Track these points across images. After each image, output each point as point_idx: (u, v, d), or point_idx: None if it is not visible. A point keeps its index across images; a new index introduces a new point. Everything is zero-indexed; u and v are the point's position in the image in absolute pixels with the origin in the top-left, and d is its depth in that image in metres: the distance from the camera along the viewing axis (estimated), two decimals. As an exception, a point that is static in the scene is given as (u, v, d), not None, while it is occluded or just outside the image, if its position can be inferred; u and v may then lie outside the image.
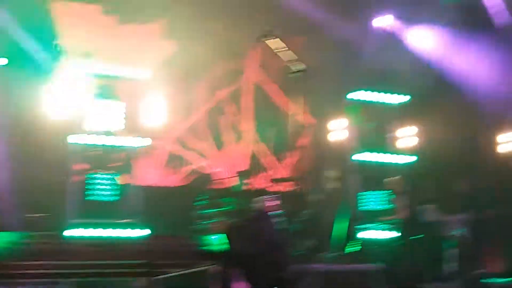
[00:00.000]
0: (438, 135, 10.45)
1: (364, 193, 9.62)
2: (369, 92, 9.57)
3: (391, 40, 10.79)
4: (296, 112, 5.90)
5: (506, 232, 9.83)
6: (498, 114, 10.63)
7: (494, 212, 9.67)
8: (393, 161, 9.58)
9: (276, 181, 9.96)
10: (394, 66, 10.22)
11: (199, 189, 9.13)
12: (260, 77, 11.45)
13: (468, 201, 9.49)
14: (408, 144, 10.02)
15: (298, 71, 5.04)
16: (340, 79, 10.67)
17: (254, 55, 11.29)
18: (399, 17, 11.23)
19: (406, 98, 9.78)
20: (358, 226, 9.04)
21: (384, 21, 11.32)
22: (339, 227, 9.41)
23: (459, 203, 9.34)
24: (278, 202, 8.47)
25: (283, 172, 10.94)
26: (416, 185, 9.34)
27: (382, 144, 9.78)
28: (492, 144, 10.71)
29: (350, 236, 9.20)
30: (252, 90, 11.43)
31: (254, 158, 11.04)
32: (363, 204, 9.51)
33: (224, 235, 6.27)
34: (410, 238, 8.76)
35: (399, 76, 10.13)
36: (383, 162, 9.53)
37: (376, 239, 8.93)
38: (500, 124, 10.56)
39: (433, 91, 10.15)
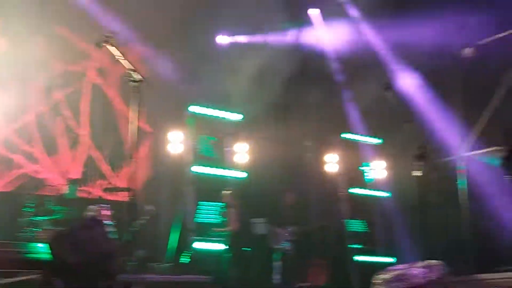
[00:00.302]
0: (269, 153, 10.92)
1: (200, 205, 9.77)
2: (208, 108, 9.83)
3: (232, 58, 11.08)
4: (135, 121, 5.84)
5: (328, 245, 10.47)
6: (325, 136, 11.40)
7: (318, 225, 10.28)
8: (228, 175, 9.85)
9: (109, 190, 9.76)
10: (231, 85, 10.50)
11: (28, 194, 8.70)
12: (100, 82, 11.20)
13: (295, 214, 10.02)
14: (242, 160, 10.36)
15: (137, 81, 5.02)
16: (180, 92, 10.79)
17: (96, 59, 11.05)
18: (240, 34, 11.67)
19: (240, 116, 10.16)
20: (192, 237, 9.14)
21: (226, 39, 11.70)
22: (173, 238, 9.45)
23: (287, 217, 9.83)
24: (110, 211, 8.33)
25: (118, 182, 10.74)
26: (248, 199, 9.67)
27: (218, 158, 10.03)
28: (319, 163, 11.41)
29: (183, 247, 9.28)
30: (90, 94, 11.12)
31: (89, 165, 10.70)
32: (197, 216, 9.65)
33: (49, 243, 6.02)
34: (241, 250, 9.02)
35: (235, 95, 10.43)
36: (219, 176, 9.76)
37: (208, 250, 9.09)
38: (326, 145, 11.26)
39: (266, 112, 10.58)
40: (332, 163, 11.03)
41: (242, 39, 11.74)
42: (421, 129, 10.48)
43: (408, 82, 11.18)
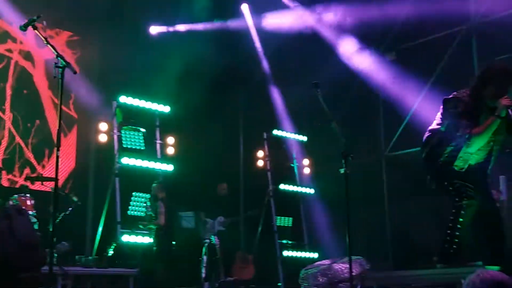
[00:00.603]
0: (198, 146, 10.92)
1: (127, 197, 9.66)
2: (136, 99, 9.73)
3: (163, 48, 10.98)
4: (61, 108, 5.64)
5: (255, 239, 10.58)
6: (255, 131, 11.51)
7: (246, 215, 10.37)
8: (156, 168, 9.78)
9: (33, 179, 9.50)
10: (160, 77, 10.40)
11: None
12: (26, 65, 10.86)
13: (225, 207, 10.06)
14: (170, 152, 10.30)
15: (62, 66, 4.84)
16: (109, 81, 10.62)
17: (23, 42, 10.73)
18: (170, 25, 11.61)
19: (168, 108, 10.11)
20: (119, 230, 9.04)
21: (158, 29, 11.60)
22: (99, 230, 9.31)
23: (216, 209, 9.86)
24: (32, 201, 8.11)
25: (43, 170, 10.47)
26: (176, 192, 9.65)
27: (146, 150, 9.94)
28: (250, 158, 11.52)
29: (110, 239, 9.16)
30: (16, 76, 10.74)
31: (11, 152, 10.35)
32: (124, 208, 9.54)
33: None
34: (168, 243, 9.00)
35: (164, 87, 10.34)
36: (147, 168, 9.67)
37: (135, 243, 9.00)
38: (256, 141, 11.36)
39: (195, 104, 10.55)
40: (261, 159, 11.14)
41: (174, 29, 11.66)
42: (347, 127, 10.75)
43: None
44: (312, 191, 11.40)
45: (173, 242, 9.14)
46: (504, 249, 5.28)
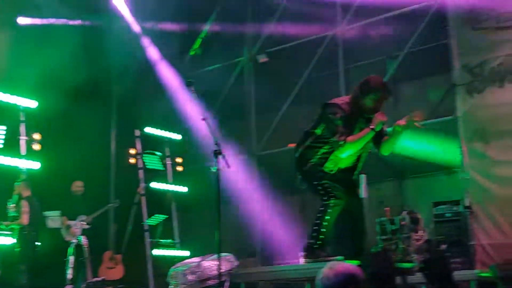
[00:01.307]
0: (66, 143, 10.56)
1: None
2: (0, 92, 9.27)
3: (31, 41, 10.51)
4: None
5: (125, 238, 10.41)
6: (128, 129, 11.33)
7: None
8: (20, 165, 9.35)
9: None
10: (27, 70, 9.96)
11: None
12: None
13: (88, 206, 9.77)
14: (36, 150, 9.88)
15: None
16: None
17: None
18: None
19: (35, 103, 9.70)
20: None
21: (27, 20, 11.08)
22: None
23: (79, 208, 9.58)
24: None
25: None
26: (42, 191, 9.28)
27: (10, 147, 9.48)
28: (121, 156, 11.32)
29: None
30: None
31: None
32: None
33: None
34: (32, 244, 8.65)
35: (31, 81, 9.92)
36: (10, 166, 9.23)
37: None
38: (129, 139, 11.19)
39: (64, 100, 10.21)
40: (134, 156, 10.98)
41: (45, 21, 11.18)
42: (220, 126, 10.89)
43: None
44: (184, 189, 11.41)
45: (38, 243, 8.79)
46: (363, 244, 5.60)
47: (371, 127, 5.24)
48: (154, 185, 10.86)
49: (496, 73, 8.88)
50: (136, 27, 11.99)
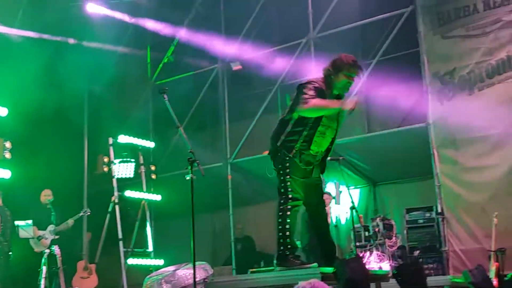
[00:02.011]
0: (37, 152, 10.45)
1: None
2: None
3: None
4: None
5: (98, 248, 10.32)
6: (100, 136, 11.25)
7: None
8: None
9: None
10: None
11: None
12: None
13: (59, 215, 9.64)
14: (7, 158, 9.73)
15: None
16: None
17: None
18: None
19: (5, 111, 9.59)
20: None
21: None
22: None
23: (47, 218, 9.47)
24: None
25: None
26: (14, 200, 9.16)
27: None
28: (94, 164, 11.24)
29: None
30: None
31: None
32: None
33: None
34: (5, 254, 8.53)
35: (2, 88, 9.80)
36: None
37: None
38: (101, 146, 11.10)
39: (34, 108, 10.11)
40: (107, 164, 10.88)
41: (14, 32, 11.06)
42: (193, 134, 10.89)
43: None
44: (158, 197, 11.36)
45: (10, 253, 8.66)
46: (332, 249, 5.60)
47: (341, 104, 5.30)
48: (128, 193, 10.78)
49: (466, 81, 9.05)
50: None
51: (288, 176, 5.35)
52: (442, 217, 8.93)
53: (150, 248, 11.01)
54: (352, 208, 8.29)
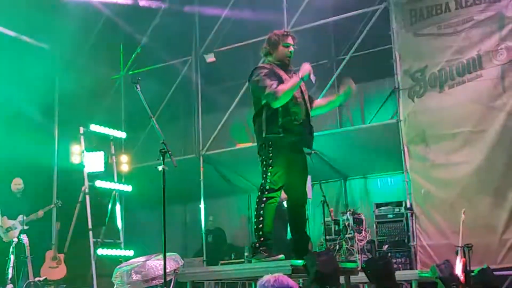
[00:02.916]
0: (10, 138, 10.31)
1: None
2: None
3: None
4: None
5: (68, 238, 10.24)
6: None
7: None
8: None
9: None
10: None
11: None
12: None
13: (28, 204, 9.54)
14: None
15: None
16: None
17: None
18: None
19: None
20: None
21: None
22: None
23: (18, 207, 9.36)
24: None
25: None
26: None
27: None
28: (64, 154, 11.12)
29: None
30: None
31: None
32: None
33: None
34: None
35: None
36: None
37: None
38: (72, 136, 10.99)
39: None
40: (77, 154, 10.78)
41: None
42: (165, 125, 10.83)
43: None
44: (129, 188, 11.30)
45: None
46: (306, 243, 5.64)
47: (300, 76, 5.36)
48: (98, 183, 10.70)
49: (436, 78, 9.18)
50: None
51: (270, 167, 5.37)
52: (411, 212, 9.05)
53: (121, 238, 10.97)
54: (323, 202, 8.36)
